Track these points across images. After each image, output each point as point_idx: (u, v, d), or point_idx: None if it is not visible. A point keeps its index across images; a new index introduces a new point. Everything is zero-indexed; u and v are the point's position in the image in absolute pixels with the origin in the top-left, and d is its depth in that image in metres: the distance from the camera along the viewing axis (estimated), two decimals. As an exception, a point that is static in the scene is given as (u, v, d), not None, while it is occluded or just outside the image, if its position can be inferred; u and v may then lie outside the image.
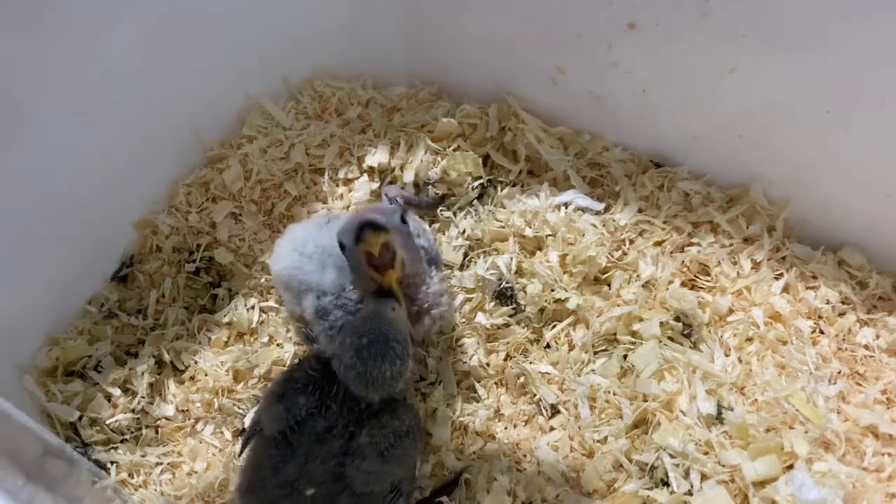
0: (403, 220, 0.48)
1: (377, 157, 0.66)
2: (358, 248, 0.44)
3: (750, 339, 0.55)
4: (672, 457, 0.49)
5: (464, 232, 0.62)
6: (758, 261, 0.58)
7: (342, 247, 0.47)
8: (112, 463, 0.55)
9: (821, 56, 0.49)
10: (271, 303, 0.62)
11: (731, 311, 0.56)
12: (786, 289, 0.57)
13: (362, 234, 0.44)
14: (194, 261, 0.63)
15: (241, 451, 0.50)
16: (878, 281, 0.57)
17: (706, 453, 0.49)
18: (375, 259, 0.45)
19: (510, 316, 0.58)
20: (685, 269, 0.59)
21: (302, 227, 0.56)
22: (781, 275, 0.57)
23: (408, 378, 0.47)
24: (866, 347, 0.54)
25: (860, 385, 0.53)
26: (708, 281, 0.58)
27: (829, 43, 0.49)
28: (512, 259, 0.59)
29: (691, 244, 0.59)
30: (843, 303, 0.57)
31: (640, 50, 0.56)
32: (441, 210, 0.64)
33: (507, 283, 0.58)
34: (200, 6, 0.61)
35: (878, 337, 0.55)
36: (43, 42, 0.52)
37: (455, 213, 0.64)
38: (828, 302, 0.56)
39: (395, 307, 0.46)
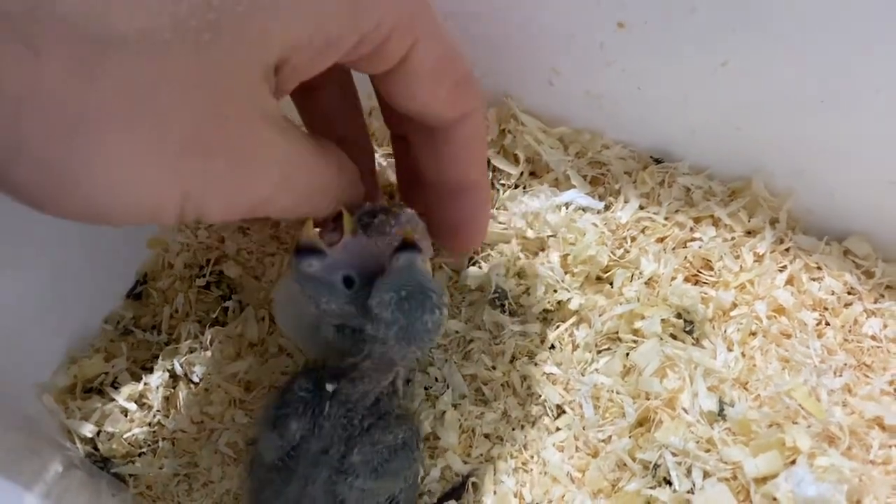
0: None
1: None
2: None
3: (753, 334, 0.54)
4: (674, 455, 0.49)
5: (466, 236, 0.63)
6: (760, 253, 0.57)
7: (350, 282, 0.46)
8: (131, 476, 0.57)
9: (810, 46, 0.49)
10: (281, 313, 0.63)
11: (734, 306, 0.56)
12: (790, 281, 0.56)
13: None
14: (204, 275, 0.64)
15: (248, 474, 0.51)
16: (885, 269, 0.56)
17: (708, 451, 0.49)
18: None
19: (514, 317, 0.59)
20: (688, 265, 0.58)
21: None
22: (785, 267, 0.57)
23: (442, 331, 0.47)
24: (873, 338, 0.54)
25: (867, 377, 0.52)
26: (711, 276, 0.58)
27: (818, 32, 0.48)
28: (507, 267, 0.59)
29: (693, 239, 0.59)
30: (848, 293, 0.56)
31: (631, 48, 0.56)
32: None
33: (498, 292, 0.59)
34: None
35: (885, 327, 0.54)
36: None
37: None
38: (833, 293, 0.55)
39: (424, 259, 0.45)
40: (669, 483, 0.49)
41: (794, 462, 0.47)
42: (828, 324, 0.55)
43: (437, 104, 0.41)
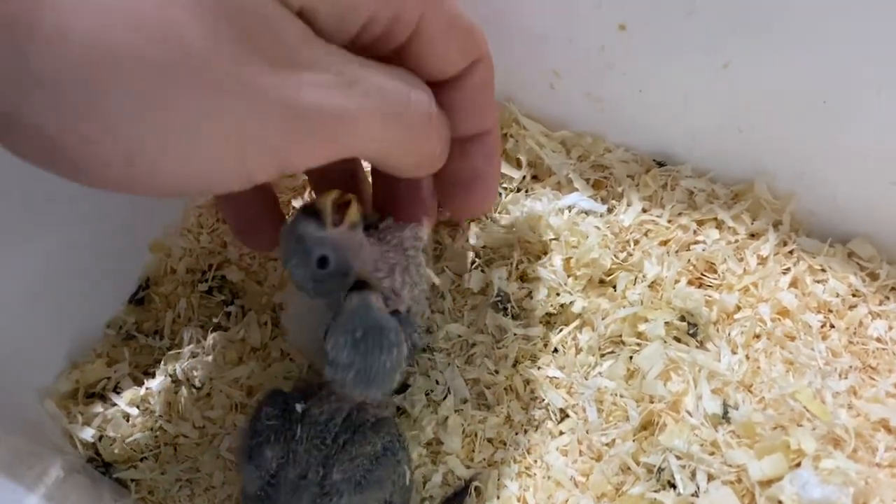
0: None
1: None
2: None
3: (757, 336, 0.54)
4: (678, 458, 0.49)
5: (467, 240, 0.62)
6: (764, 256, 0.57)
7: (324, 262, 0.46)
8: (133, 481, 0.57)
9: (810, 46, 0.49)
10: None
11: (738, 309, 0.55)
12: (793, 283, 0.56)
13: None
14: (207, 280, 0.64)
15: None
16: (889, 271, 0.55)
17: (712, 454, 0.49)
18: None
19: (517, 321, 0.59)
20: (691, 268, 0.58)
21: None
22: (789, 269, 0.56)
23: (403, 370, 0.46)
24: (878, 340, 0.53)
25: (873, 379, 0.52)
26: (715, 279, 0.57)
27: (818, 32, 0.48)
28: (510, 270, 0.59)
29: (696, 242, 0.59)
30: (853, 295, 0.55)
31: (632, 50, 0.56)
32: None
33: (500, 296, 0.58)
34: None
35: (890, 329, 0.54)
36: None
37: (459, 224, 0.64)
38: (837, 295, 0.55)
39: (378, 297, 0.45)
40: (673, 486, 0.49)
41: (798, 465, 0.47)
42: (832, 326, 0.54)
43: (449, 58, 0.43)
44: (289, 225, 0.45)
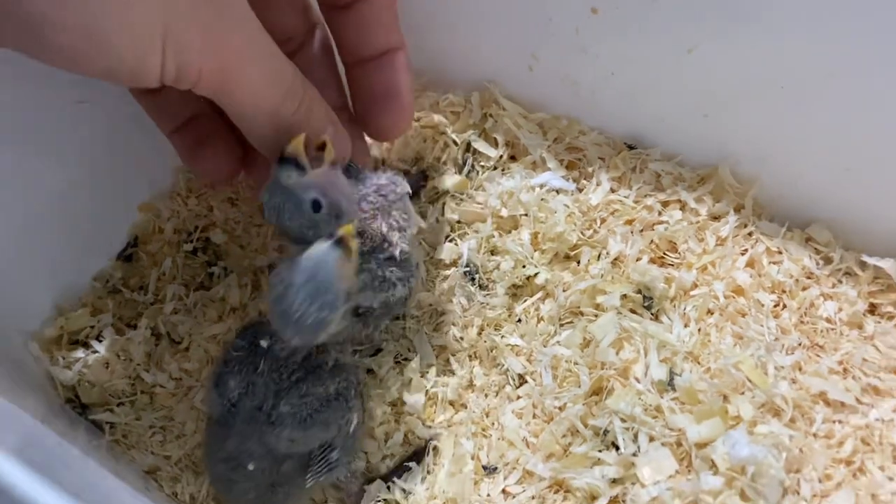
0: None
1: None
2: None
3: (710, 312, 0.56)
4: (622, 421, 0.51)
5: (444, 214, 0.65)
6: (723, 237, 0.59)
7: (317, 206, 0.46)
8: (108, 424, 0.60)
9: (767, 31, 0.51)
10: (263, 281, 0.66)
11: (695, 286, 0.57)
12: (750, 264, 0.58)
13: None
14: (192, 241, 0.67)
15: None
16: (844, 255, 0.57)
17: (655, 417, 0.51)
18: None
19: (485, 291, 0.61)
20: (654, 247, 0.60)
21: None
22: (746, 250, 0.58)
23: (334, 333, 0.47)
24: (828, 320, 0.55)
25: (818, 356, 0.54)
26: (676, 257, 0.59)
27: (774, 17, 0.50)
28: (480, 243, 0.61)
29: (660, 222, 0.61)
30: (807, 277, 0.57)
31: (604, 34, 0.58)
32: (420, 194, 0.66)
33: (469, 266, 0.61)
34: None
35: (840, 310, 0.55)
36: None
37: (437, 199, 0.66)
38: (791, 276, 0.57)
39: (343, 257, 0.44)
40: (616, 447, 0.51)
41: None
42: (784, 306, 0.56)
43: None
44: (271, 182, 0.46)
